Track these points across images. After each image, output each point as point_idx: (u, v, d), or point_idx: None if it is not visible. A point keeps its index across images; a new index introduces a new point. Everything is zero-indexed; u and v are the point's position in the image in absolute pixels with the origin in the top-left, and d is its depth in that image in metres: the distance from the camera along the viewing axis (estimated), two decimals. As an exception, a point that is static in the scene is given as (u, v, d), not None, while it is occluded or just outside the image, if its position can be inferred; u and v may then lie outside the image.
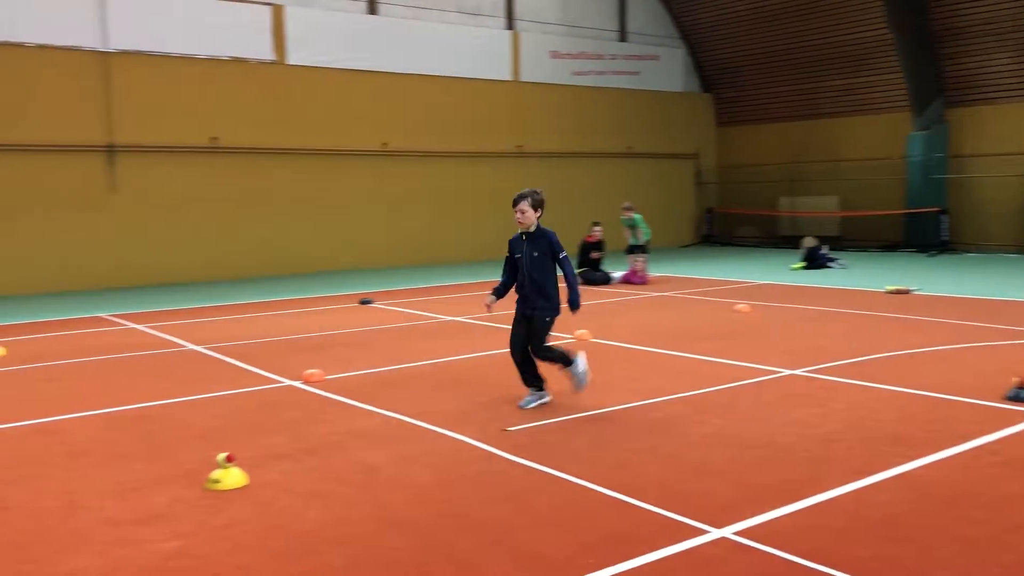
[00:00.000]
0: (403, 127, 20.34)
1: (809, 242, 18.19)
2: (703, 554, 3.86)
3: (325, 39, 19.19)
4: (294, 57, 18.82)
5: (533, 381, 6.66)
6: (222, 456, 4.95)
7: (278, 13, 18.58)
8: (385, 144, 20.08)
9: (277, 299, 14.30)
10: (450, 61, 21.02)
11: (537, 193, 6.67)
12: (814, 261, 17.61)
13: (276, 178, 18.66)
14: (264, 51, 18.46)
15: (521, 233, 6.71)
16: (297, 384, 7.64)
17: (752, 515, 4.28)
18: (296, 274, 18.53)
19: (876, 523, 4.17)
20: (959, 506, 4.37)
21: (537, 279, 6.54)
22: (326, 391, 7.31)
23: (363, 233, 19.87)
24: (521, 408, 6.51)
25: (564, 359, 6.60)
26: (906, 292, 13.16)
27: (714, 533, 4.08)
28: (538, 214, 6.63)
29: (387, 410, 6.61)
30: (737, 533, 4.07)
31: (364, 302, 13.38)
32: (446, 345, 9.52)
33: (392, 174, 20.27)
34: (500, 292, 6.82)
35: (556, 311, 6.59)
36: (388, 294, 14.62)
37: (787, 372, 7.67)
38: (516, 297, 6.72)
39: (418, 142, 20.60)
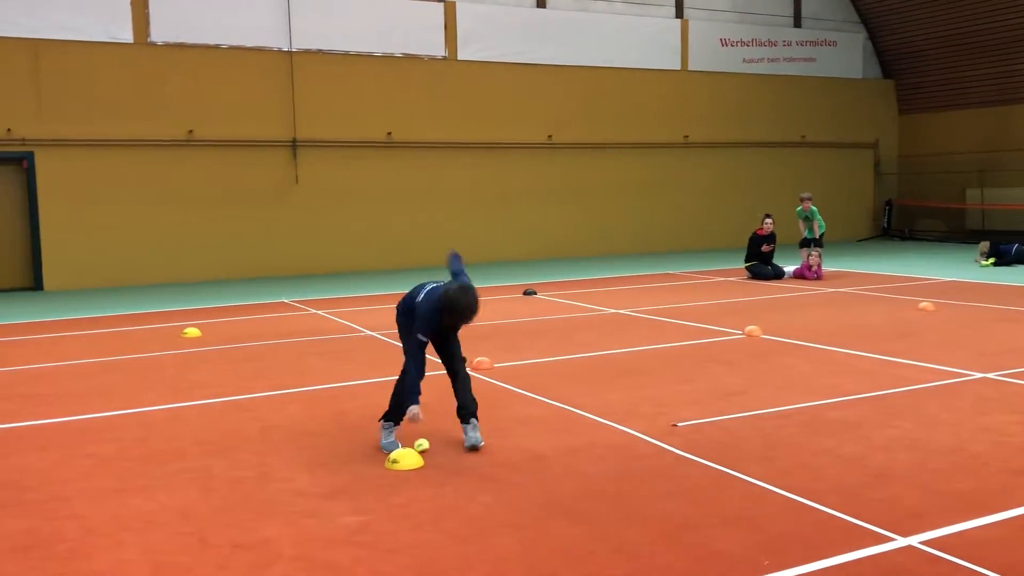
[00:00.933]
0: (569, 119, 20.41)
1: (984, 246, 16.94)
2: (889, 562, 3.68)
3: (495, 34, 19.52)
4: (464, 52, 19.25)
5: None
6: (423, 442, 5.16)
7: (450, 9, 19.05)
8: (550, 137, 20.21)
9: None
10: (617, 52, 20.89)
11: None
12: (1003, 257, 16.35)
13: (447, 172, 19.18)
14: (436, 47, 18.99)
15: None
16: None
17: (942, 525, 4.04)
18: (466, 264, 18.95)
19: (1086, 542, 3.84)
20: None
21: None
22: (494, 379, 7.46)
23: (529, 224, 20.10)
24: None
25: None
26: (1117, 292, 12.01)
27: (900, 541, 3.88)
28: None
29: (553, 400, 6.68)
30: (924, 543, 3.85)
31: (528, 293, 13.55)
32: (610, 337, 9.50)
33: (557, 166, 20.38)
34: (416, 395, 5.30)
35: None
36: (552, 285, 14.74)
37: (979, 375, 7.17)
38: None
39: (583, 134, 20.61)
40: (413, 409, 5.22)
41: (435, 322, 5.31)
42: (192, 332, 10.24)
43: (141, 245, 16.61)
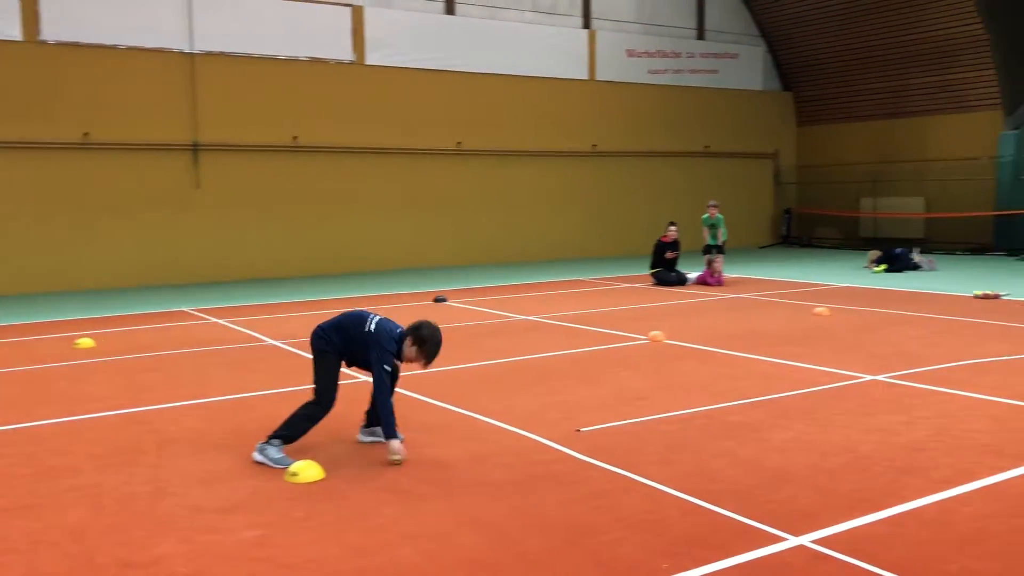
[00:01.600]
0: (478, 126, 20.46)
1: (873, 255, 17.73)
2: (780, 562, 3.79)
3: (403, 39, 19.42)
4: (373, 57, 19.10)
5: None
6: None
7: (358, 14, 18.88)
8: (459, 143, 20.22)
9: (354, 296, 14.54)
10: (526, 60, 21.06)
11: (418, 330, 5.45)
12: (895, 263, 17.11)
13: (354, 177, 18.97)
14: (344, 52, 18.78)
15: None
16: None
17: (832, 523, 4.19)
18: (372, 271, 18.81)
19: (962, 536, 4.04)
20: (1052, 521, 4.20)
21: None
22: (399, 387, 7.37)
23: (439, 230, 20.05)
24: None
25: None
26: (995, 297, 12.69)
27: (792, 541, 4.00)
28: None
29: (460, 407, 6.67)
30: (816, 541, 3.98)
31: (438, 300, 13.51)
32: (519, 344, 9.54)
33: (466, 173, 20.41)
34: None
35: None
36: (462, 292, 14.74)
37: (869, 377, 7.47)
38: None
39: (492, 142, 20.70)
40: (396, 444, 5.26)
41: (398, 351, 5.38)
42: (85, 343, 9.85)
43: (33, 252, 15.89)
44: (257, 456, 5.36)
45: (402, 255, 19.54)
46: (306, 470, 5.02)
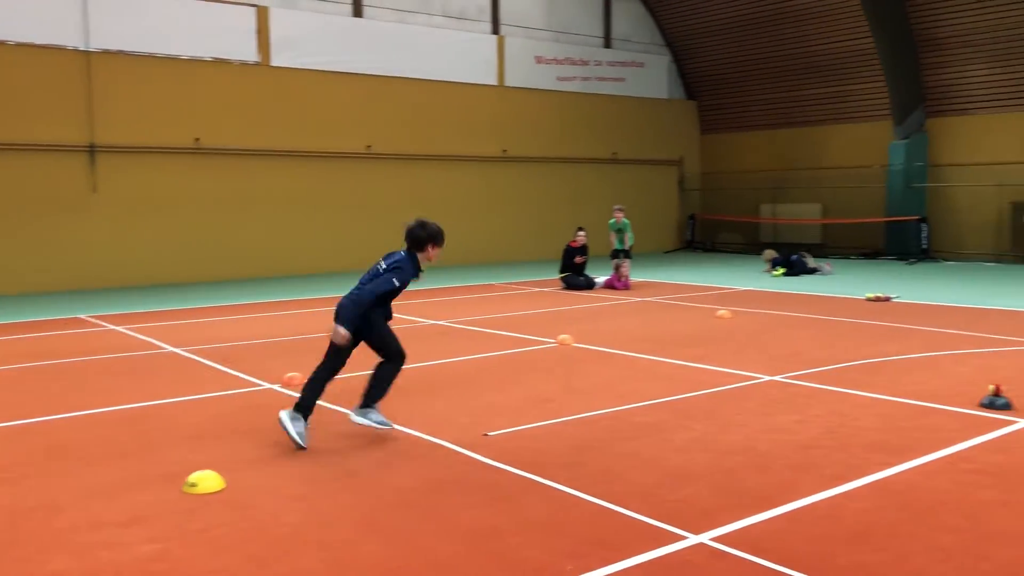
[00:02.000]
0: (388, 130, 20.33)
1: (769, 254, 18.34)
2: (681, 560, 3.88)
3: (309, 41, 19.16)
4: (278, 59, 18.78)
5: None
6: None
7: (263, 15, 18.53)
8: (369, 147, 20.06)
9: (259, 301, 14.25)
10: (435, 65, 21.04)
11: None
12: (793, 268, 17.73)
13: (260, 180, 18.60)
14: (248, 53, 18.41)
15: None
16: (277, 387, 7.62)
17: (730, 521, 4.31)
18: (279, 276, 18.47)
19: (852, 530, 4.21)
20: (935, 514, 4.42)
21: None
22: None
23: (347, 235, 19.82)
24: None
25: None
26: (886, 299, 13.28)
27: (692, 539, 4.10)
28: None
29: (368, 414, 6.59)
30: (714, 539, 4.09)
31: (346, 305, 13.33)
32: (428, 349, 9.51)
33: (376, 177, 20.25)
34: None
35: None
36: (371, 297, 14.57)
37: (767, 378, 7.72)
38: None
39: (402, 145, 20.60)
40: (342, 330, 5.77)
41: (416, 266, 5.91)
42: (-29, 352, 9.38)
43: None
44: (360, 419, 5.84)
45: (311, 260, 19.25)
46: (205, 480, 4.89)
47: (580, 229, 16.26)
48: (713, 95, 26.29)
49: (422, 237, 5.94)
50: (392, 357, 6.02)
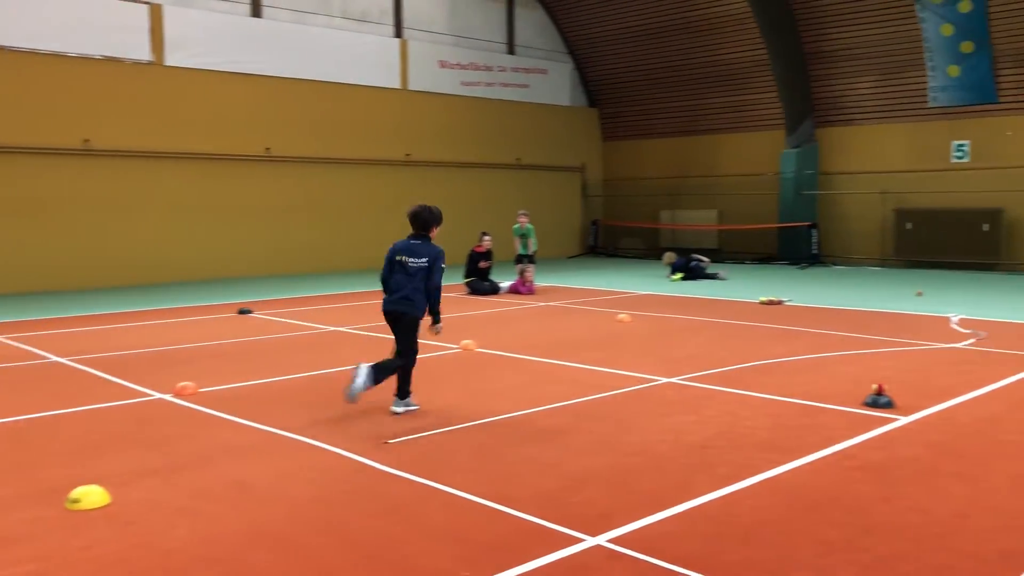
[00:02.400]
0: (287, 133, 19.95)
1: (669, 257, 18.78)
2: (576, 563, 3.91)
3: (206, 41, 18.64)
4: (172, 58, 18.21)
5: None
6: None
7: (156, 12, 17.94)
8: (268, 149, 19.64)
9: (150, 309, 13.77)
10: (336, 67, 20.76)
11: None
12: (691, 273, 18.16)
13: (153, 183, 17.98)
14: (141, 51, 17.79)
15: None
16: (168, 398, 7.37)
17: (627, 522, 4.37)
18: (171, 282, 17.88)
19: (743, 528, 4.31)
20: (820, 509, 4.57)
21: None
22: (199, 404, 7.07)
23: (243, 240, 19.35)
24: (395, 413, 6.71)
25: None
26: (778, 303, 13.73)
27: (589, 541, 4.13)
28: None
29: (263, 424, 6.44)
30: (611, 541, 4.13)
31: (243, 312, 13.02)
32: (326, 356, 9.35)
33: (275, 180, 19.84)
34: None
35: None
36: (268, 304, 14.28)
37: (665, 380, 7.87)
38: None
39: (303, 148, 20.25)
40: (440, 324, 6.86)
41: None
42: None
43: None
44: (401, 409, 6.67)
45: (206, 265, 18.71)
46: (89, 496, 4.68)
47: (484, 234, 16.28)
48: (614, 103, 26.75)
49: (430, 220, 6.77)
50: (408, 352, 6.76)
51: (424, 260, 6.65)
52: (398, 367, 6.70)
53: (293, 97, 20.00)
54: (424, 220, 6.76)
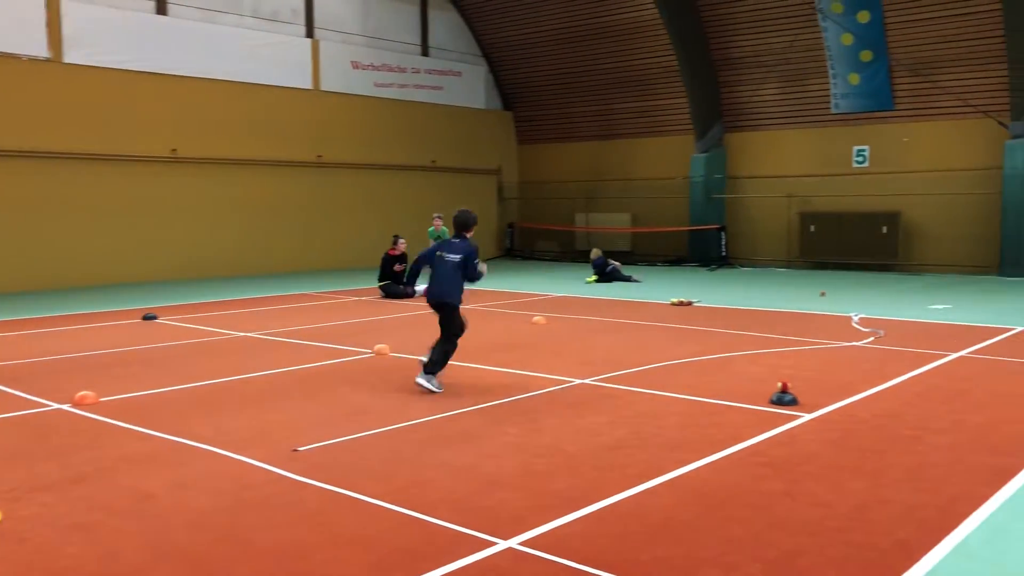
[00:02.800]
0: (196, 133, 19.42)
1: (596, 253, 18.99)
2: (489, 566, 3.90)
3: (107, 38, 18.00)
4: (72, 55, 17.53)
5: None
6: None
7: (53, 7, 17.24)
8: (175, 150, 19.09)
9: (49, 315, 13.21)
10: (246, 66, 20.32)
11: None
12: (606, 275, 18.38)
13: (51, 185, 17.25)
14: (38, 48, 17.07)
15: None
16: (67, 408, 7.07)
17: (538, 524, 4.37)
18: (73, 288, 17.20)
19: (653, 526, 4.37)
20: (727, 506, 4.67)
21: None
22: (100, 414, 6.81)
23: (149, 244, 18.75)
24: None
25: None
26: (689, 304, 14.00)
27: (501, 544, 4.13)
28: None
29: (168, 433, 6.24)
30: (523, 543, 4.13)
31: (148, 318, 12.61)
32: (236, 362, 9.13)
33: (184, 182, 19.29)
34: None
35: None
36: (175, 309, 13.87)
37: (579, 381, 7.93)
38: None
39: (212, 149, 19.74)
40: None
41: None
42: None
43: None
44: (425, 382, 7.45)
45: (108, 270, 18.05)
46: (-23, 514, 4.45)
47: (398, 237, 16.16)
48: (529, 106, 26.89)
49: (469, 222, 8.08)
50: (452, 336, 7.74)
51: (459, 256, 7.86)
52: (450, 351, 7.71)
53: (201, 97, 19.49)
54: (462, 221, 8.05)
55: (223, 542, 4.21)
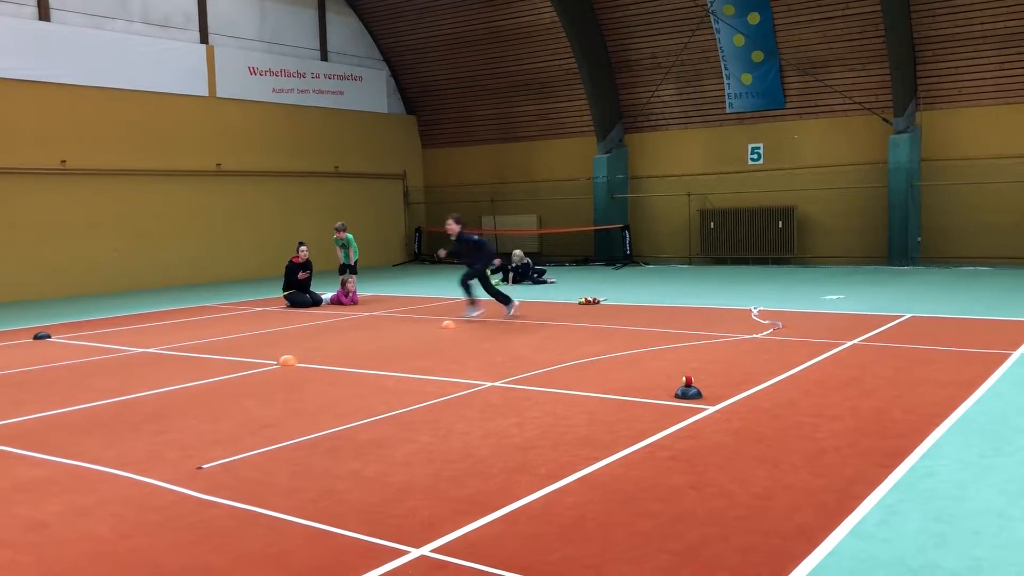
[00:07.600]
0: (85, 144, 18.70)
1: (518, 254, 19.06)
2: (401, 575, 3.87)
3: (-14, 45, 17.17)
4: (-53, 63, 16.66)
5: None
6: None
7: (-75, 13, 16.37)
8: (64, 162, 18.33)
9: (-69, 338, 12.52)
10: (137, 74, 19.67)
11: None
12: (516, 276, 18.47)
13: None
14: (-92, 55, 16.16)
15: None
16: (-48, 436, 6.71)
17: (450, 530, 4.37)
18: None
19: (564, 525, 4.42)
20: (636, 501, 4.75)
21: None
22: (-11, 441, 6.48)
23: (40, 260, 17.96)
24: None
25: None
26: (595, 302, 14.20)
27: (413, 553, 4.10)
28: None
29: (61, 457, 5.99)
30: (435, 551, 4.12)
31: (40, 337, 12.08)
32: (133, 380, 8.82)
33: (75, 195, 18.54)
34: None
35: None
36: (69, 327, 13.32)
37: (488, 384, 7.95)
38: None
39: (103, 160, 19.04)
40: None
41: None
42: None
43: None
44: (473, 312, 11.57)
45: (-4, 288, 17.22)
46: None
47: (302, 244, 15.88)
48: (431, 110, 26.83)
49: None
50: (490, 289, 12.70)
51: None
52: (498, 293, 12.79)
53: (90, 106, 18.78)
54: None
55: (126, 568, 4.06)
